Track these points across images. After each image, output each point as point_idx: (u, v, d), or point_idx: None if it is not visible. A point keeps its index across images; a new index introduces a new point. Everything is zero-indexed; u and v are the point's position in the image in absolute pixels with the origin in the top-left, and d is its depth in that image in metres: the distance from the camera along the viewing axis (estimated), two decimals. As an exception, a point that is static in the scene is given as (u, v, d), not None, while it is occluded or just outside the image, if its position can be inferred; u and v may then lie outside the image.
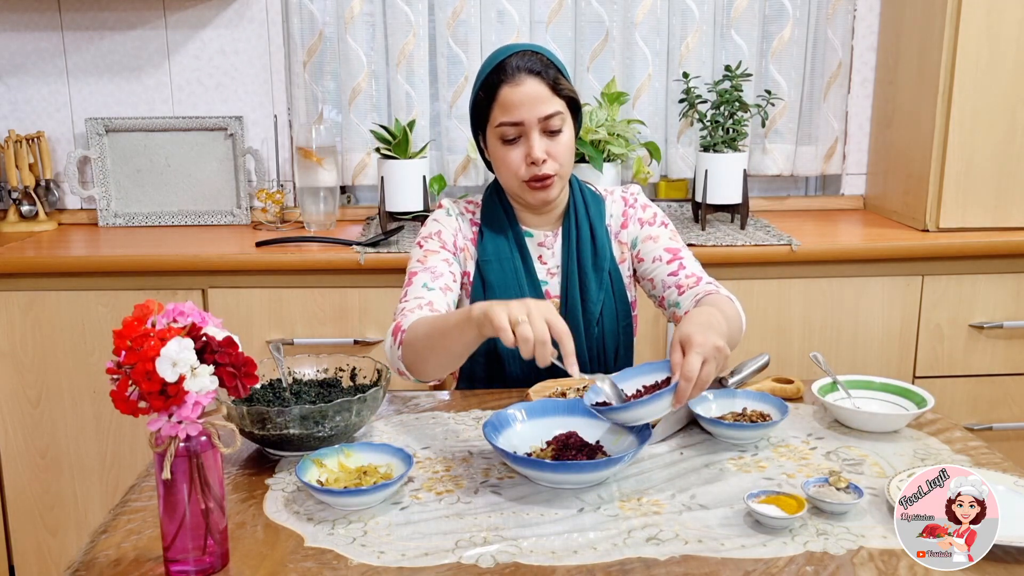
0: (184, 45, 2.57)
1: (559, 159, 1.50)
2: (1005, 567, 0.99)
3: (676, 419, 1.35)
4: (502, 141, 1.51)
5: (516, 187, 1.53)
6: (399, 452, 1.19)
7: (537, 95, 1.47)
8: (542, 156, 1.48)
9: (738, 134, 2.42)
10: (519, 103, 1.47)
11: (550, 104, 1.48)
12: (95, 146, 2.56)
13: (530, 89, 1.47)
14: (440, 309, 1.47)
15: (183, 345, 0.90)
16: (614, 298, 1.61)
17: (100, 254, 2.27)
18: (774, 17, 2.58)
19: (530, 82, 1.47)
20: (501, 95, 1.48)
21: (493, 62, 1.51)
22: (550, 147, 1.49)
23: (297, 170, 2.48)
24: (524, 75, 1.47)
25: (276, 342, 1.55)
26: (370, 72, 2.54)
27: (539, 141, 1.48)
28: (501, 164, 1.53)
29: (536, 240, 1.62)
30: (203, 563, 0.98)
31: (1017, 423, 2.37)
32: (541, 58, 1.50)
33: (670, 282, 1.57)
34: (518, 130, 1.48)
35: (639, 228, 1.64)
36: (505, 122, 1.48)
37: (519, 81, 1.47)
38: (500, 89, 1.48)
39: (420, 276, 1.52)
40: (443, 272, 1.53)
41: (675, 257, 1.58)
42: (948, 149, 2.31)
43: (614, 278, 1.61)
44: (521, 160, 1.49)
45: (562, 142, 1.50)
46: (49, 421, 2.24)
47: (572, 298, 1.58)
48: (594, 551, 1.02)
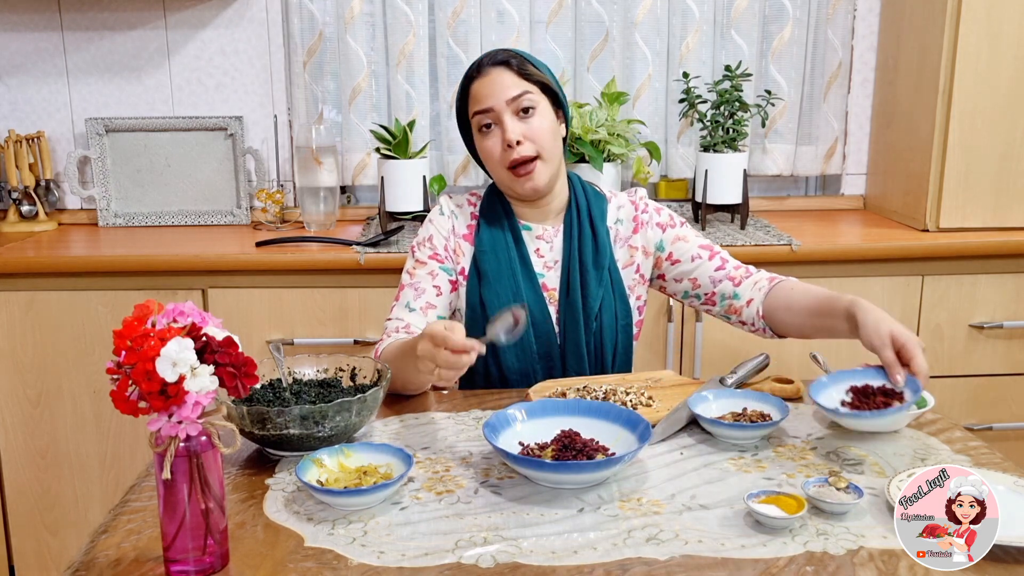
0: (184, 45, 2.57)
1: (536, 140, 1.54)
2: (1005, 567, 0.99)
3: (676, 419, 1.36)
4: (479, 132, 1.57)
5: (505, 178, 1.57)
6: (399, 452, 1.19)
7: (502, 80, 1.54)
8: (516, 137, 1.52)
9: (738, 134, 2.42)
10: (487, 92, 1.54)
11: (516, 86, 1.54)
12: (95, 146, 2.56)
13: (496, 77, 1.54)
14: (417, 331, 1.53)
15: (183, 345, 0.90)
16: (613, 295, 1.62)
17: (100, 254, 2.27)
18: (774, 17, 2.58)
19: (495, 71, 1.55)
20: (472, 89, 1.57)
21: (469, 69, 1.59)
22: (526, 130, 1.53)
23: (297, 170, 2.48)
24: (490, 67, 1.55)
25: (276, 342, 1.55)
26: (370, 72, 2.54)
27: (513, 123, 1.53)
28: (485, 156, 1.58)
29: (535, 233, 1.63)
30: (203, 563, 0.98)
31: (1017, 423, 2.37)
32: (509, 52, 1.57)
33: (719, 276, 1.62)
34: (490, 116, 1.54)
35: (660, 232, 1.66)
36: (477, 111, 1.56)
37: (486, 72, 1.55)
38: (471, 85, 1.57)
39: (406, 293, 1.60)
40: (426, 288, 1.59)
41: (714, 253, 1.64)
42: (948, 149, 2.31)
43: (614, 277, 1.62)
44: (499, 146, 1.54)
45: (537, 123, 1.54)
46: (49, 421, 2.25)
47: (572, 292, 1.59)
48: (594, 551, 1.02)
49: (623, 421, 1.27)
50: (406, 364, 1.39)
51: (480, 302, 1.58)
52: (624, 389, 1.43)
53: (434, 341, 1.22)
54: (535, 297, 1.58)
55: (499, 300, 1.56)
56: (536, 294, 1.59)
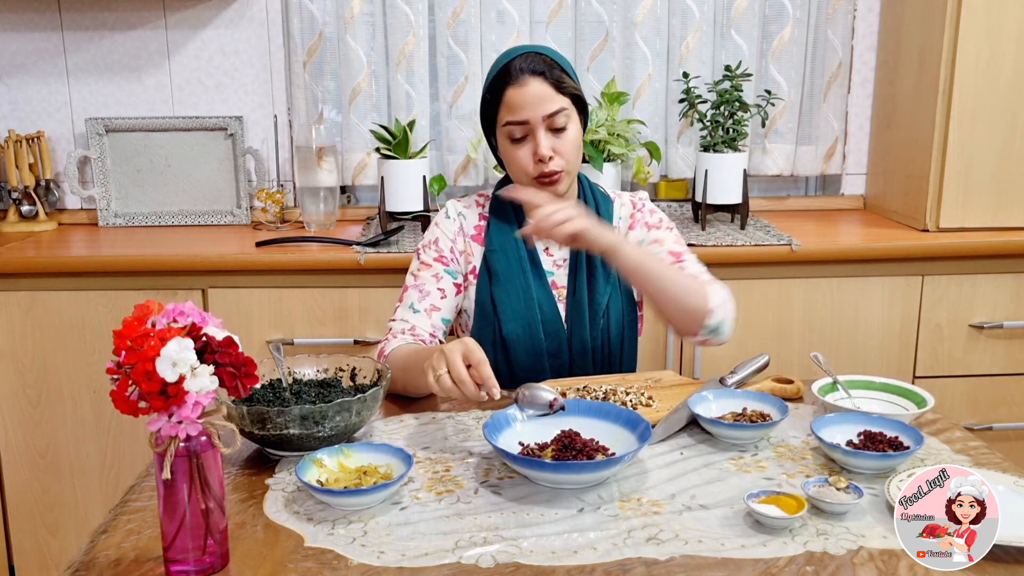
0: (184, 45, 2.57)
1: (565, 155, 1.54)
2: (1005, 567, 0.99)
3: (676, 419, 1.36)
4: (510, 140, 1.55)
5: (527, 183, 1.58)
6: (399, 452, 1.19)
7: (540, 94, 1.51)
8: (548, 153, 1.52)
9: (738, 134, 2.42)
10: (523, 103, 1.51)
11: (553, 102, 1.52)
12: (95, 146, 2.56)
13: (534, 89, 1.51)
14: (422, 334, 1.56)
15: (183, 345, 0.90)
16: (620, 293, 1.64)
17: (100, 254, 2.27)
18: (774, 17, 2.58)
19: (534, 82, 1.51)
20: (507, 96, 1.53)
21: (499, 65, 1.56)
22: (556, 144, 1.53)
23: (297, 170, 2.48)
24: (528, 76, 1.52)
25: (276, 342, 1.55)
26: (370, 72, 2.54)
27: (545, 139, 1.52)
28: (511, 162, 1.57)
29: None
30: (203, 563, 0.98)
31: (1017, 423, 2.37)
32: (544, 58, 1.54)
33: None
34: (524, 129, 1.53)
35: (646, 231, 1.67)
36: (511, 121, 1.53)
37: (523, 82, 1.51)
38: (506, 91, 1.53)
39: (410, 294, 1.61)
40: (431, 291, 1.60)
41: (677, 260, 1.62)
42: (948, 149, 2.31)
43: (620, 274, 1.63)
44: (529, 158, 1.54)
45: (568, 139, 1.54)
46: (49, 421, 2.24)
47: (579, 290, 1.61)
48: (594, 551, 1.02)
49: (623, 421, 1.27)
50: (415, 371, 1.40)
51: (491, 300, 1.59)
52: (624, 389, 1.43)
53: (467, 359, 1.25)
54: (545, 295, 1.60)
55: (509, 298, 1.58)
56: (546, 292, 1.60)
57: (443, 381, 1.25)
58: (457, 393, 1.25)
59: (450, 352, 1.26)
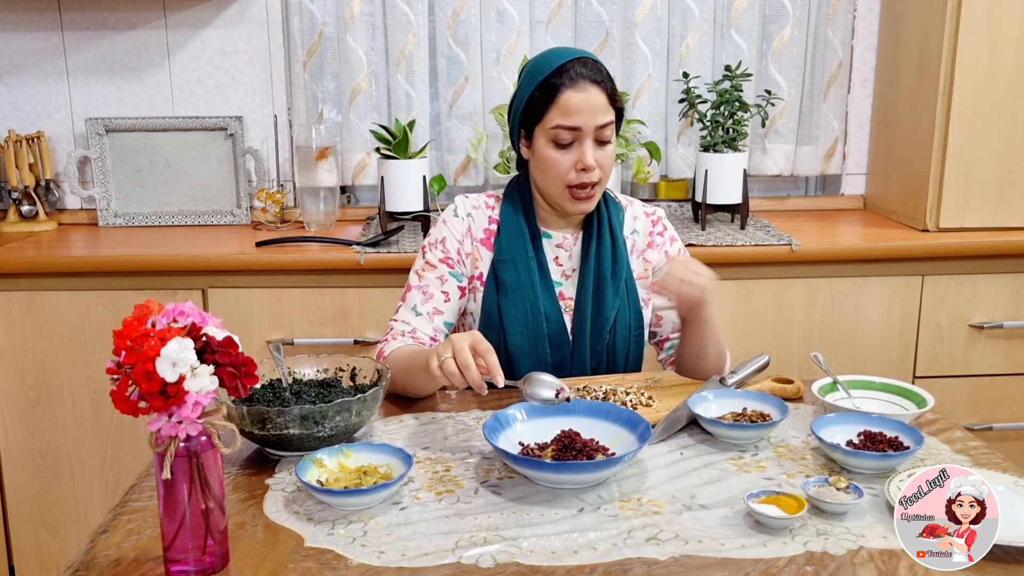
0: (184, 45, 2.57)
1: (604, 168, 1.53)
2: (1005, 567, 0.99)
3: (676, 419, 1.36)
4: (555, 144, 1.52)
5: (558, 192, 1.55)
6: (399, 452, 1.19)
7: (598, 103, 1.50)
8: (593, 164, 1.51)
9: (738, 134, 2.42)
10: (580, 109, 1.49)
11: (607, 114, 1.51)
12: (95, 146, 2.56)
13: (592, 97, 1.49)
14: (423, 337, 1.55)
15: (183, 345, 0.90)
16: (628, 306, 1.62)
17: (100, 254, 2.27)
18: (774, 17, 2.58)
19: (593, 90, 1.50)
20: (562, 98, 1.49)
21: (552, 64, 1.51)
22: (599, 156, 1.52)
23: (297, 170, 2.48)
24: (587, 82, 1.49)
25: (276, 342, 1.55)
26: (370, 72, 2.54)
27: (591, 149, 1.51)
28: (549, 166, 1.53)
29: (554, 241, 1.63)
30: (203, 563, 0.98)
31: (1017, 423, 2.37)
32: (601, 68, 1.53)
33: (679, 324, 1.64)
34: (573, 135, 1.50)
35: (663, 257, 1.67)
36: (563, 125, 1.50)
37: (582, 88, 1.49)
38: (561, 92, 1.49)
39: (413, 295, 1.59)
40: (434, 293, 1.59)
41: None
42: (948, 149, 2.31)
43: (629, 287, 1.63)
44: (571, 165, 1.51)
45: (609, 152, 1.54)
46: (49, 421, 2.24)
47: (583, 301, 1.59)
48: (594, 551, 1.02)
49: (623, 421, 1.27)
50: (415, 371, 1.40)
51: (498, 311, 1.58)
52: (624, 389, 1.43)
53: (474, 348, 1.25)
54: (552, 307, 1.58)
55: (516, 311, 1.57)
56: (553, 304, 1.59)
57: (447, 365, 1.25)
58: (459, 379, 1.25)
59: (458, 339, 1.27)
